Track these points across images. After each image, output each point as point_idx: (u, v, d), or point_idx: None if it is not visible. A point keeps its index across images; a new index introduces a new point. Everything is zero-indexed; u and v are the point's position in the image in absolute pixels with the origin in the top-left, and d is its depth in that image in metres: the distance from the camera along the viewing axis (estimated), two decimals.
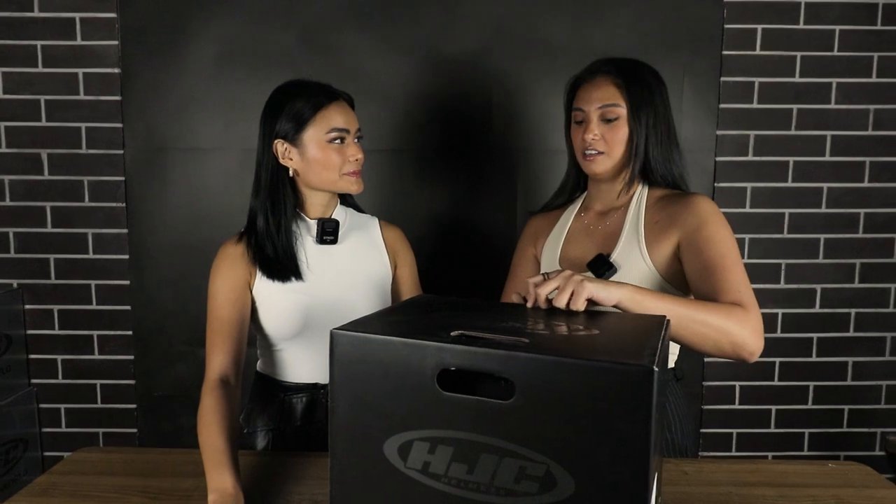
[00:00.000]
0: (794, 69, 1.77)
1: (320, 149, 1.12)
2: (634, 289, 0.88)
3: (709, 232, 1.04)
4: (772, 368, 1.87)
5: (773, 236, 1.83)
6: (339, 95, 1.16)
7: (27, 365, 1.85)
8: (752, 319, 0.93)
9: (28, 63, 1.72)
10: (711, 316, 0.91)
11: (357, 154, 1.15)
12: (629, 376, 0.60)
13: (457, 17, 1.74)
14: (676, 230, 1.08)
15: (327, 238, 1.17)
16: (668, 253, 1.08)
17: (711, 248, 1.02)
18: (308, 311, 1.14)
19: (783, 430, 1.89)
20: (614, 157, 1.12)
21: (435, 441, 0.68)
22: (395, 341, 0.69)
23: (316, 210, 1.19)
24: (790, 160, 1.80)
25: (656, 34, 1.74)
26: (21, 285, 1.82)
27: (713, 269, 1.00)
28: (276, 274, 1.13)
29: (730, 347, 0.92)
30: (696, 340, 0.92)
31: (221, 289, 1.12)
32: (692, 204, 1.08)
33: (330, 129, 1.12)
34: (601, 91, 1.12)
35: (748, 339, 0.92)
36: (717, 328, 0.90)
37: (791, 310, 1.85)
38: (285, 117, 1.12)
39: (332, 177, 1.14)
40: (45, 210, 1.79)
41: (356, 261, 1.21)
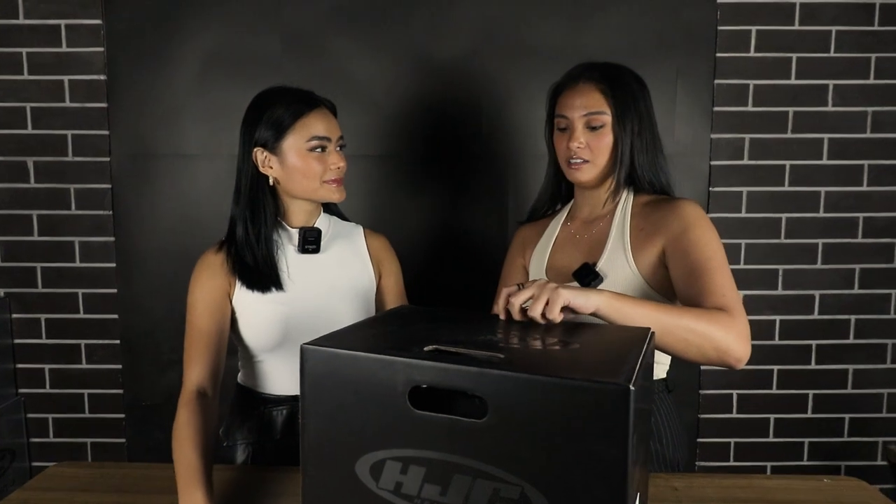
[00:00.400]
0: (789, 71, 1.74)
1: (300, 157, 1.10)
2: (613, 295, 0.85)
3: (694, 235, 1.01)
4: (770, 376, 1.83)
5: (770, 241, 1.79)
6: (321, 102, 1.14)
7: (14, 374, 1.83)
8: (737, 324, 0.90)
9: (13, 70, 1.71)
10: (694, 321, 0.87)
11: (339, 162, 1.13)
12: (604, 395, 0.57)
13: (445, 20, 1.71)
14: (661, 236, 1.05)
15: (309, 247, 1.15)
16: (654, 259, 1.06)
17: (696, 251, 1.00)
18: (288, 321, 1.11)
19: (782, 440, 1.85)
20: (599, 165, 1.10)
21: (407, 461, 0.66)
22: (364, 357, 0.66)
23: (298, 219, 1.17)
24: (786, 164, 1.77)
25: (648, 36, 1.71)
26: (8, 294, 1.80)
27: (698, 273, 0.97)
28: (256, 284, 1.11)
29: (715, 354, 0.89)
30: (679, 347, 0.88)
31: (200, 299, 1.10)
32: (677, 209, 1.06)
33: (310, 138, 1.09)
34: (585, 98, 1.09)
35: (733, 345, 0.88)
36: (700, 334, 0.87)
37: (789, 316, 1.82)
38: (265, 125, 1.10)
39: (312, 185, 1.11)
40: (32, 218, 1.77)
41: (339, 270, 1.18)
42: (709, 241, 1.01)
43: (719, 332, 0.88)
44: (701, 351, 0.88)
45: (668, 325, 0.86)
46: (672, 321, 0.87)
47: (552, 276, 1.16)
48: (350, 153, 1.77)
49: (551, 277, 1.15)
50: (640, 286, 1.06)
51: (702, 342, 0.87)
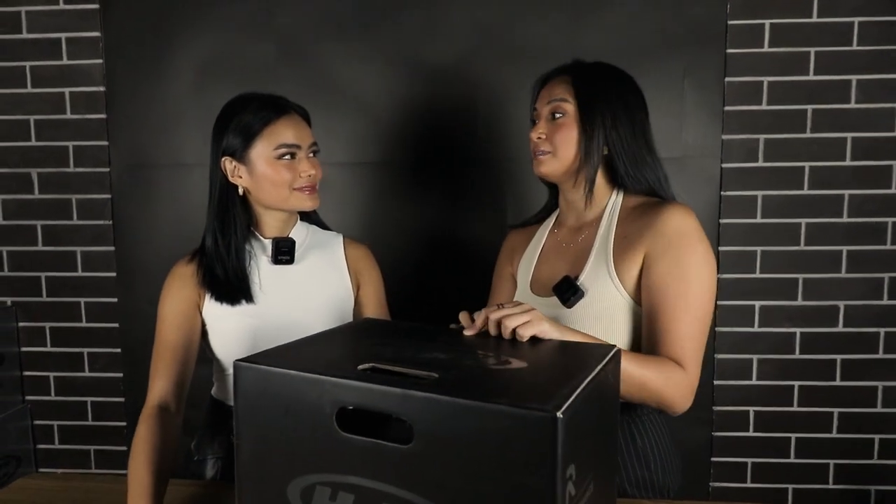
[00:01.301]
0: (807, 66, 1.63)
1: (269, 165, 1.06)
2: (585, 339, 0.82)
3: (670, 260, 0.94)
4: (790, 393, 1.71)
5: (789, 249, 1.68)
6: (290, 108, 1.10)
7: (21, 382, 1.86)
8: (687, 381, 0.92)
9: (17, 84, 1.74)
10: (651, 376, 0.89)
11: (310, 170, 1.08)
12: (529, 423, 0.52)
13: (439, 22, 1.67)
14: (643, 247, 0.97)
15: (282, 258, 1.12)
16: (637, 273, 0.98)
17: (667, 285, 0.93)
18: (258, 334, 1.08)
19: (805, 461, 1.72)
20: (562, 157, 1.03)
21: (336, 486, 0.62)
22: (293, 375, 0.63)
23: (271, 229, 1.14)
24: (805, 165, 1.66)
25: (653, 33, 1.62)
26: (14, 303, 1.83)
27: (662, 314, 0.94)
28: (225, 296, 1.08)
29: (654, 405, 0.93)
30: (625, 397, 0.91)
31: (169, 311, 1.09)
32: (662, 218, 0.97)
33: (278, 145, 1.06)
34: (554, 88, 1.04)
35: (677, 402, 0.92)
36: (650, 389, 0.90)
37: (810, 329, 1.69)
38: (232, 133, 1.07)
39: (282, 194, 1.08)
40: (36, 228, 1.80)
41: (314, 282, 1.14)
42: (686, 269, 0.93)
43: (668, 388, 0.90)
44: (642, 400, 0.92)
45: (626, 376, 0.87)
46: (632, 372, 0.88)
47: (536, 290, 1.09)
48: (344, 160, 1.77)
49: (535, 291, 1.09)
50: (624, 302, 0.99)
51: (647, 396, 0.91)
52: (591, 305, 0.99)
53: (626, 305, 0.98)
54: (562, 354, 0.72)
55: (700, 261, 0.94)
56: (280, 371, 0.63)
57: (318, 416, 0.61)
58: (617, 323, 0.99)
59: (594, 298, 0.99)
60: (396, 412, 0.57)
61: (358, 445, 0.59)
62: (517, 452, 0.52)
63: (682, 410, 0.93)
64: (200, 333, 1.11)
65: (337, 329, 0.84)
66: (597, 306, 0.98)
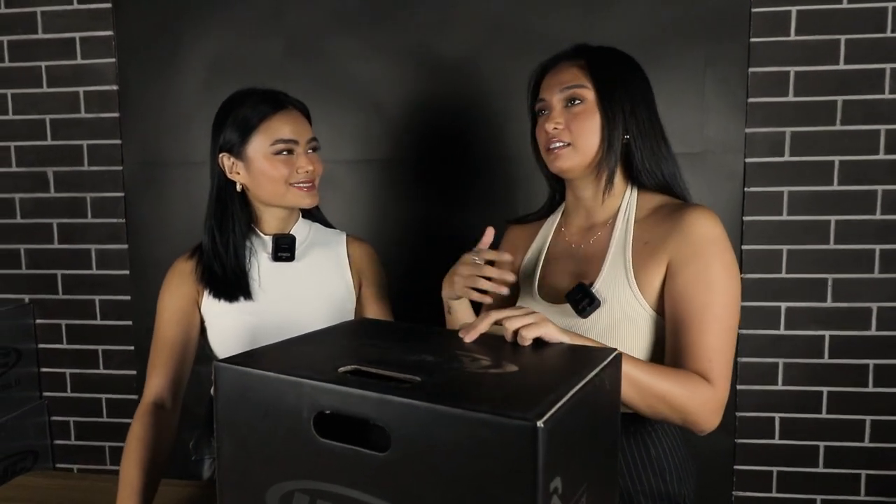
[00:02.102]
0: (837, 55, 1.54)
1: (266, 161, 1.04)
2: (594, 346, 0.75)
3: (697, 269, 0.87)
4: (818, 399, 1.63)
5: (817, 247, 1.60)
6: (288, 103, 1.08)
7: (39, 378, 1.89)
8: (715, 398, 0.85)
9: (33, 84, 1.77)
10: (672, 389, 0.82)
11: (307, 166, 1.06)
12: (509, 433, 0.48)
13: (450, 15, 1.63)
14: (666, 255, 0.90)
15: (282, 255, 1.09)
16: (659, 283, 0.91)
17: (694, 295, 0.87)
18: (257, 332, 1.06)
19: (834, 471, 1.64)
20: (583, 149, 0.94)
21: (314, 494, 0.60)
22: (272, 377, 0.61)
23: (271, 225, 1.12)
24: (835, 160, 1.57)
25: (673, 22, 1.56)
26: (32, 300, 1.86)
27: (689, 326, 0.87)
28: (223, 293, 1.06)
29: (679, 422, 0.85)
30: (645, 410, 0.84)
31: (168, 307, 1.08)
32: (686, 224, 0.90)
33: (275, 141, 1.04)
34: (564, 74, 0.96)
35: (702, 418, 0.84)
36: (672, 404, 0.82)
37: (841, 332, 1.61)
38: (229, 129, 1.06)
39: (279, 190, 1.06)
40: (52, 226, 1.82)
41: (314, 280, 1.12)
42: (713, 278, 0.87)
43: (693, 403, 0.83)
44: (665, 417, 0.85)
45: (644, 389, 0.81)
46: (649, 386, 0.81)
47: (544, 296, 1.02)
48: (353, 157, 1.75)
49: (543, 297, 1.02)
50: (644, 313, 0.92)
51: (670, 412, 0.84)
52: (607, 315, 0.92)
53: (646, 316, 0.92)
54: (558, 358, 0.67)
55: (727, 270, 0.88)
56: (259, 373, 0.61)
57: (296, 420, 0.58)
58: (635, 334, 0.92)
59: (611, 308, 0.92)
60: (373, 418, 0.54)
61: (336, 452, 0.56)
62: (496, 463, 0.48)
63: (709, 429, 0.86)
64: (199, 330, 1.10)
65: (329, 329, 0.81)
66: (613, 316, 0.92)
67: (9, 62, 1.77)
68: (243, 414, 0.62)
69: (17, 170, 1.81)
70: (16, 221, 1.83)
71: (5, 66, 1.77)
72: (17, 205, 1.82)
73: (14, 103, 1.78)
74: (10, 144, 1.80)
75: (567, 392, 0.53)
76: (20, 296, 1.86)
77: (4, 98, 1.79)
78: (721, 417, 0.86)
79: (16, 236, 1.84)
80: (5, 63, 1.77)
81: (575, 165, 0.96)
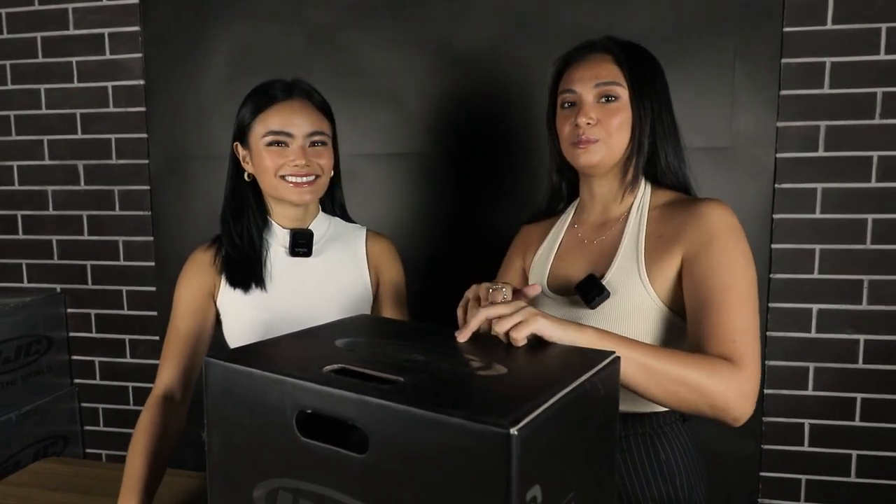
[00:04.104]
0: (877, 45, 1.46)
1: (261, 152, 1.04)
2: (596, 334, 0.72)
3: (714, 254, 0.85)
4: (851, 405, 1.55)
5: (853, 247, 1.52)
6: (294, 94, 1.06)
7: (70, 365, 1.95)
8: (741, 379, 0.77)
9: (65, 79, 1.82)
10: (689, 372, 0.75)
11: (298, 159, 1.03)
12: (483, 439, 0.46)
13: (471, 8, 1.61)
14: (680, 247, 0.89)
15: (299, 250, 1.08)
16: (672, 275, 0.90)
17: (713, 277, 0.84)
18: (269, 328, 1.06)
19: (867, 481, 1.56)
20: (614, 147, 0.93)
21: (297, 493, 0.59)
22: (256, 375, 0.60)
23: (287, 219, 1.11)
24: (873, 155, 1.49)
25: (701, 11, 1.50)
26: (63, 290, 1.92)
27: (709, 308, 0.83)
28: (238, 281, 1.06)
29: (709, 410, 0.78)
30: (667, 400, 0.76)
31: (184, 298, 1.08)
32: (700, 214, 0.88)
33: (266, 133, 1.03)
34: (597, 68, 0.93)
35: (731, 403, 0.77)
36: (693, 388, 0.75)
37: (876, 336, 1.53)
38: (239, 119, 1.08)
39: (271, 181, 1.05)
40: (82, 218, 1.87)
41: (331, 276, 1.11)
42: (732, 262, 0.84)
43: (718, 386, 0.76)
44: (693, 406, 0.78)
45: (657, 374, 0.74)
46: (663, 369, 0.75)
47: (554, 288, 1.01)
48: (373, 151, 1.73)
49: (554, 289, 1.01)
50: (654, 305, 0.90)
51: (695, 397, 0.77)
52: (616, 306, 0.91)
53: (655, 308, 0.90)
54: (551, 361, 0.65)
55: (745, 257, 0.86)
56: (244, 370, 0.61)
57: (279, 418, 0.58)
58: (643, 327, 0.91)
59: (620, 299, 0.91)
60: (352, 419, 0.53)
61: (317, 451, 0.56)
62: (471, 470, 0.47)
63: (742, 416, 0.78)
64: (214, 322, 1.10)
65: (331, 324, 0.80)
66: (623, 307, 0.91)
67: (42, 58, 1.82)
68: (231, 411, 0.62)
69: (50, 163, 1.87)
70: (49, 213, 1.89)
71: (39, 62, 1.83)
72: (49, 197, 1.88)
73: (47, 98, 1.84)
74: (44, 138, 1.86)
75: (550, 397, 0.51)
76: (52, 285, 1.92)
77: (38, 93, 1.84)
78: (754, 404, 0.79)
79: (49, 227, 1.90)
80: (39, 59, 1.83)
81: (602, 162, 0.95)
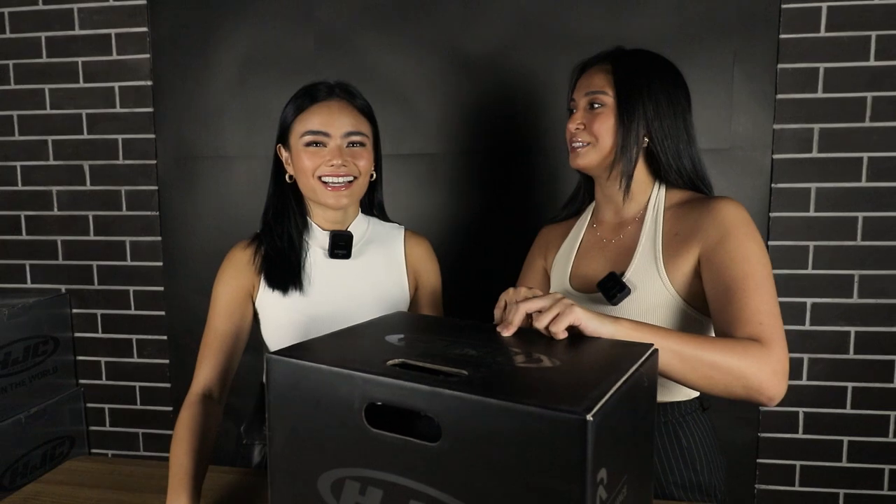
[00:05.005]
0: (867, 51, 1.53)
1: (299, 152, 1.05)
2: (631, 325, 0.77)
3: (731, 246, 0.90)
4: (843, 394, 1.63)
5: (844, 244, 1.60)
6: (334, 95, 1.07)
7: (75, 366, 1.94)
8: (772, 359, 0.80)
9: (70, 79, 1.81)
10: (722, 356, 0.79)
11: (335, 158, 1.03)
12: (559, 426, 0.50)
13: (479, 11, 1.64)
14: (697, 243, 0.94)
15: (339, 252, 1.08)
16: (690, 270, 0.95)
17: (732, 267, 0.88)
18: (308, 329, 1.07)
19: (858, 465, 1.64)
20: (602, 148, 1.01)
21: (365, 481, 0.62)
22: (324, 370, 0.63)
23: (326, 220, 1.11)
24: (864, 156, 1.57)
25: (702, 18, 1.56)
26: (68, 290, 1.91)
27: (732, 294, 0.87)
28: (276, 283, 1.06)
29: (743, 392, 0.80)
30: (703, 385, 0.80)
31: (222, 297, 1.07)
32: (714, 211, 0.94)
33: (304, 133, 1.04)
34: (592, 78, 1.02)
35: (766, 383, 0.79)
36: (727, 371, 0.79)
37: (867, 328, 1.61)
38: (282, 120, 1.08)
39: (308, 182, 1.05)
40: (88, 219, 1.87)
41: (369, 279, 1.11)
42: (748, 253, 0.89)
43: (751, 367, 0.79)
44: (728, 389, 0.81)
45: (691, 359, 0.78)
46: (696, 355, 0.78)
47: (577, 286, 1.06)
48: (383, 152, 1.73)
49: (576, 287, 1.06)
50: (674, 302, 0.96)
51: (729, 380, 0.79)
52: (636, 302, 0.96)
53: (674, 303, 0.96)
54: (595, 353, 0.69)
55: (761, 248, 0.91)
56: (311, 365, 0.63)
57: (347, 410, 0.61)
58: (662, 319, 0.96)
59: (640, 295, 0.96)
60: (425, 409, 0.57)
61: (386, 441, 0.59)
62: (546, 455, 0.50)
63: (776, 395, 0.81)
64: (252, 321, 1.10)
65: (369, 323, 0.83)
66: (643, 303, 0.96)
67: (46, 58, 1.81)
68: (295, 404, 0.65)
69: (55, 163, 1.86)
70: (53, 213, 1.88)
71: (43, 62, 1.82)
72: (54, 197, 1.88)
73: (51, 98, 1.83)
74: (48, 138, 1.85)
75: (611, 387, 0.55)
76: (57, 286, 1.91)
77: (42, 93, 1.83)
78: (786, 383, 0.81)
79: (53, 228, 1.89)
80: (43, 59, 1.81)
81: (591, 163, 1.02)
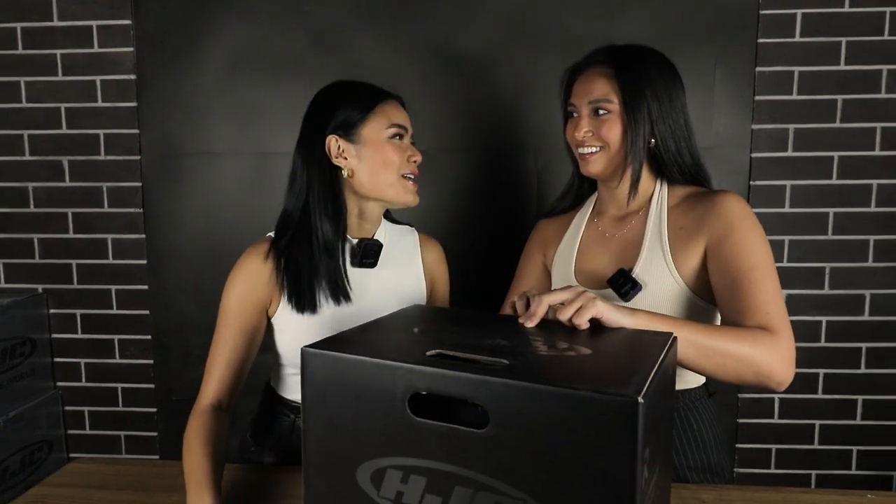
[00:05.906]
0: (838, 56, 1.63)
1: (380, 145, 1.01)
2: (648, 317, 0.80)
3: (736, 239, 0.94)
4: (815, 380, 1.73)
5: (816, 238, 1.69)
6: (394, 95, 1.08)
7: (52, 368, 1.88)
8: (780, 346, 0.85)
9: (49, 72, 1.75)
10: (734, 345, 0.83)
11: (416, 155, 1.05)
12: (610, 408, 0.53)
13: (470, 12, 1.67)
14: (703, 237, 0.97)
15: (367, 261, 1.05)
16: (697, 264, 0.98)
17: (738, 259, 0.92)
18: None
19: (828, 447, 1.74)
20: (612, 153, 1.02)
21: (408, 470, 0.63)
22: (365, 362, 0.64)
23: (356, 227, 1.07)
24: (835, 155, 1.66)
25: (684, 22, 1.63)
26: (46, 290, 1.85)
27: (739, 286, 0.91)
28: (306, 306, 1.01)
29: (754, 378, 0.84)
30: (716, 372, 0.84)
31: (233, 308, 1.00)
32: (719, 205, 0.97)
33: (390, 124, 1.03)
34: (592, 84, 1.02)
35: (775, 369, 0.84)
36: (739, 358, 0.83)
37: (837, 317, 1.71)
38: (342, 110, 1.02)
39: (389, 178, 1.02)
40: (67, 216, 1.81)
41: (391, 286, 1.10)
42: (753, 245, 0.93)
43: (761, 355, 0.83)
44: (739, 375, 0.84)
45: (705, 348, 0.82)
46: (710, 344, 0.82)
47: (582, 282, 1.08)
48: None
49: (581, 283, 1.08)
50: (683, 294, 0.99)
51: (741, 367, 0.83)
52: (647, 296, 0.99)
53: (683, 295, 0.99)
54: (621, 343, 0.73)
55: (763, 240, 0.95)
56: (352, 357, 0.64)
57: (389, 401, 0.62)
58: (672, 311, 0.99)
59: (651, 290, 0.99)
60: (471, 397, 0.58)
61: (431, 430, 0.60)
62: (597, 437, 0.53)
63: (786, 380, 0.85)
64: (264, 332, 1.06)
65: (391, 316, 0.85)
66: (654, 297, 0.99)
67: (22, 49, 1.75)
68: (333, 397, 0.65)
69: (31, 158, 1.80)
70: (29, 210, 1.82)
71: (18, 54, 1.75)
72: (30, 194, 1.81)
73: (27, 91, 1.77)
74: (24, 133, 1.78)
75: (651, 371, 0.59)
76: (33, 286, 1.85)
77: (17, 85, 1.77)
78: (794, 369, 0.85)
79: (30, 226, 1.82)
80: (18, 50, 1.75)
81: (604, 169, 1.04)
